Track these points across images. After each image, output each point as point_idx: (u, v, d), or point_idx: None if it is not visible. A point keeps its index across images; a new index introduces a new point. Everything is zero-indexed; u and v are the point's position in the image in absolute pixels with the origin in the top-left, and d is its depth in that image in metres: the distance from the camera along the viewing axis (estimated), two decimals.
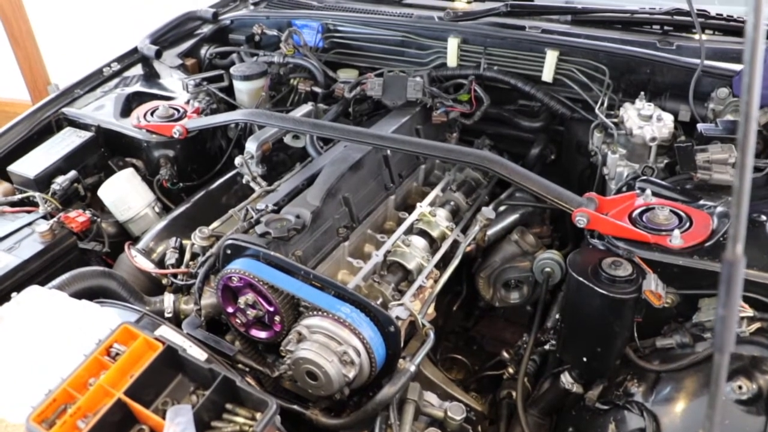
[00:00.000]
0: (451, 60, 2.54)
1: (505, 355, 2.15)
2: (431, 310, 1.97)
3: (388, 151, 2.15)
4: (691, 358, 1.66)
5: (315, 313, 1.68)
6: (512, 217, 2.31)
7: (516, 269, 2.26)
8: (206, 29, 3.01)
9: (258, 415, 1.40)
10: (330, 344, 1.63)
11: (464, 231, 2.15)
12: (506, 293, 2.32)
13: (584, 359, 1.80)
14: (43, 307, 1.58)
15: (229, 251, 1.83)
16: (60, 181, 2.23)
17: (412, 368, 1.67)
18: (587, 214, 1.78)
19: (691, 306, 1.71)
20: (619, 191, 2.02)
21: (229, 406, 1.43)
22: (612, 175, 2.14)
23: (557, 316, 2.05)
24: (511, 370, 2.12)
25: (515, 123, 2.58)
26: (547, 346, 2.01)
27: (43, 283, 1.84)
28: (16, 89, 5.47)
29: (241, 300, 1.78)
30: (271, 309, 1.75)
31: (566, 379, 1.88)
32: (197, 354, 1.55)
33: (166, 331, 1.64)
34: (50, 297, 1.63)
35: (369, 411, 1.64)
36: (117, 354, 1.44)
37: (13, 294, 1.69)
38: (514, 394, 2.06)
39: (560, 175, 2.55)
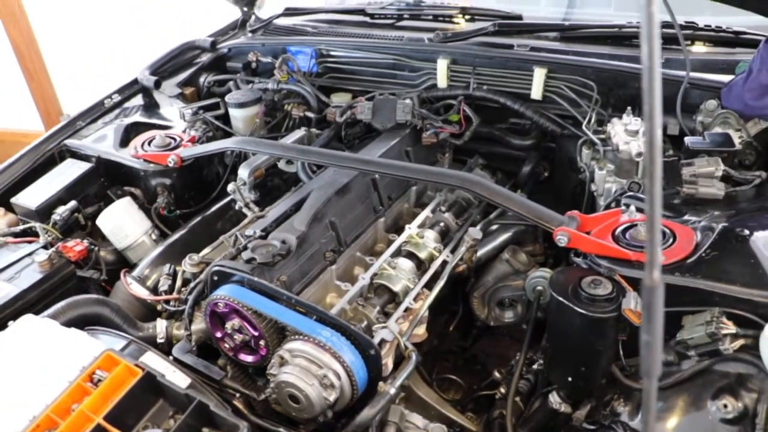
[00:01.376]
0: (441, 81, 2.59)
1: (497, 374, 2.17)
2: (421, 331, 2.00)
3: (377, 175, 2.20)
4: (676, 377, 1.65)
5: (297, 337, 1.72)
6: (504, 236, 2.33)
7: (509, 288, 2.28)
8: (205, 58, 3.11)
9: None
10: (311, 368, 1.67)
11: (454, 252, 2.19)
12: (500, 312, 2.34)
13: (569, 379, 1.81)
14: (35, 335, 1.66)
15: (216, 277, 1.89)
16: (60, 212, 2.32)
17: (392, 390, 1.71)
18: (567, 233, 1.80)
19: (675, 323, 1.71)
20: (608, 207, 2.03)
21: (205, 430, 1.49)
22: (600, 191, 2.15)
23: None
24: (503, 390, 2.13)
25: (506, 141, 2.61)
26: (535, 366, 2.02)
27: (41, 312, 1.94)
28: (31, 121, 5.69)
29: (228, 325, 1.84)
30: (256, 334, 1.80)
31: (554, 398, 1.89)
32: (180, 379, 1.61)
33: (151, 358, 1.70)
34: (42, 325, 1.70)
35: None
36: (99, 380, 1.51)
37: (10, 323, 1.78)
38: (505, 413, 2.09)
39: (553, 192, 2.58)
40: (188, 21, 4.57)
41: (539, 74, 2.40)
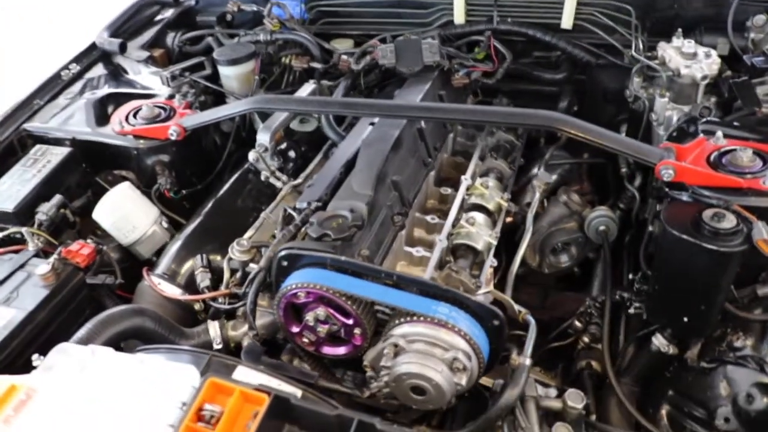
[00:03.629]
0: (459, 16, 2.25)
1: (578, 324, 1.93)
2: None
3: (422, 123, 1.86)
4: None
5: (407, 319, 1.40)
6: (552, 179, 2.07)
7: (564, 231, 2.04)
8: (168, 14, 2.57)
9: None
10: (434, 352, 1.37)
11: (513, 198, 1.92)
12: (555, 258, 2.09)
13: (685, 319, 1.61)
14: (91, 369, 1.22)
15: (285, 263, 1.51)
16: (45, 210, 1.82)
17: (527, 362, 1.42)
18: (673, 166, 1.57)
19: None
20: (670, 137, 1.83)
21: None
22: (661, 120, 1.94)
23: (631, 276, 1.85)
24: (586, 339, 1.91)
25: (536, 77, 2.33)
26: (632, 310, 1.80)
27: (56, 335, 1.50)
28: None
29: (310, 316, 1.48)
30: (350, 322, 1.46)
31: (659, 341, 1.69)
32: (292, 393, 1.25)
33: (247, 373, 1.32)
34: (91, 355, 1.26)
35: (492, 418, 1.37)
36: (212, 417, 1.12)
37: (35, 357, 1.32)
38: (594, 364, 1.87)
39: None
40: None
41: (570, 1, 2.12)
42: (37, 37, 4.04)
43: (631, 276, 1.86)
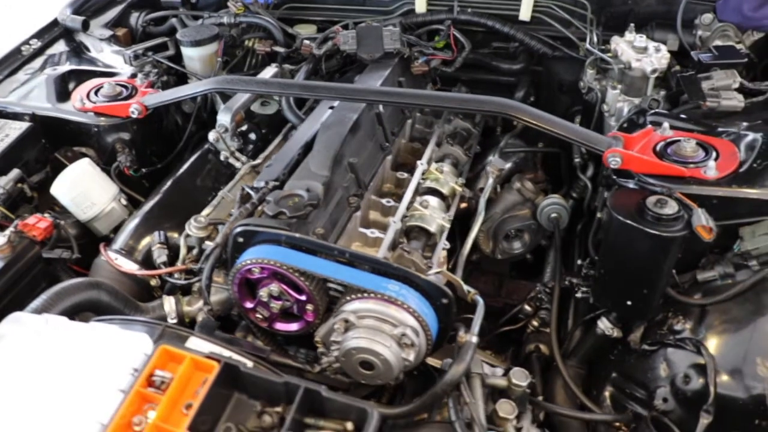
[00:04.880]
0: (420, 5, 2.28)
1: (527, 308, 1.98)
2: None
3: (381, 108, 1.88)
4: (738, 288, 1.55)
5: (358, 296, 1.42)
6: (506, 166, 2.11)
7: (517, 218, 2.07)
8: None
9: (349, 425, 1.16)
10: (384, 328, 1.40)
11: (468, 184, 1.95)
12: (508, 244, 2.13)
13: (628, 303, 1.65)
14: (41, 338, 1.22)
15: (241, 239, 1.52)
16: (2, 184, 1.81)
17: (474, 339, 1.45)
18: (620, 154, 1.62)
19: (731, 236, 1.59)
20: (621, 127, 1.88)
21: (309, 420, 1.17)
22: (612, 111, 1.98)
23: (579, 261, 1.90)
24: (535, 323, 1.96)
25: (494, 67, 2.37)
26: (579, 294, 1.85)
27: (10, 308, 1.43)
28: None
29: (263, 292, 1.50)
30: (303, 298, 1.48)
31: (604, 324, 1.73)
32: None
33: (199, 343, 1.34)
34: (45, 324, 1.26)
35: (438, 393, 1.40)
36: (162, 383, 1.14)
37: None
38: (542, 347, 1.92)
39: None
40: None
41: None
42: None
43: (579, 261, 1.90)
